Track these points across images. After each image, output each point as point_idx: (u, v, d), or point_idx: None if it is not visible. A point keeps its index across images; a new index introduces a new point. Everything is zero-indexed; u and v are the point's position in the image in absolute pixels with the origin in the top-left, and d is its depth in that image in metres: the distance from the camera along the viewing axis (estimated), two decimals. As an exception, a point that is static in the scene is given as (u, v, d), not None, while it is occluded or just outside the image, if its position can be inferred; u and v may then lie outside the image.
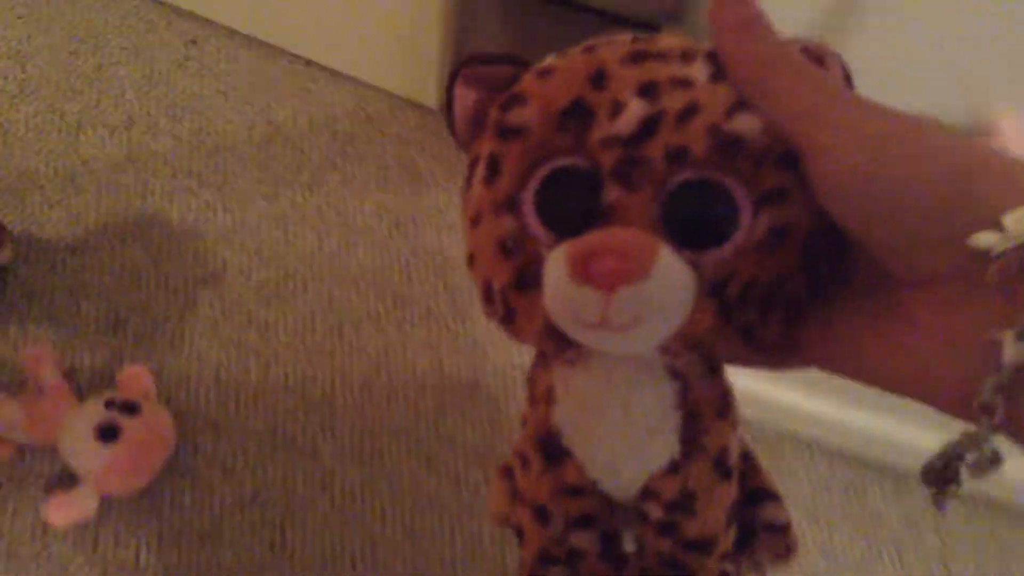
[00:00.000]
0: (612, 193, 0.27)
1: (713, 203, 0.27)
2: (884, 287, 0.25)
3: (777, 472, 0.38)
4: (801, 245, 0.27)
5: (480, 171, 0.29)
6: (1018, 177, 0.22)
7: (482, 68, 0.30)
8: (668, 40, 0.28)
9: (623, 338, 0.27)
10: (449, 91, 0.31)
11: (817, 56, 0.27)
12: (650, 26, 0.80)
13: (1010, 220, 0.21)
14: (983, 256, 0.21)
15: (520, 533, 0.35)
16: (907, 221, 0.22)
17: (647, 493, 0.32)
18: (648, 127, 0.26)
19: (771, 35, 0.26)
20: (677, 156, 0.26)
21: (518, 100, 0.28)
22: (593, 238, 0.26)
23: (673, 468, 0.31)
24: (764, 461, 0.36)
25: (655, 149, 0.26)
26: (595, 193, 0.27)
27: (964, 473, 0.23)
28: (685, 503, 0.31)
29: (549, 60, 0.29)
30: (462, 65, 0.30)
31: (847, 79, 0.28)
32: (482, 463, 0.98)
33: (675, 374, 0.30)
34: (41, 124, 1.33)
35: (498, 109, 0.29)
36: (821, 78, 0.25)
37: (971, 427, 0.22)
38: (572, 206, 0.27)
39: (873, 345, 0.25)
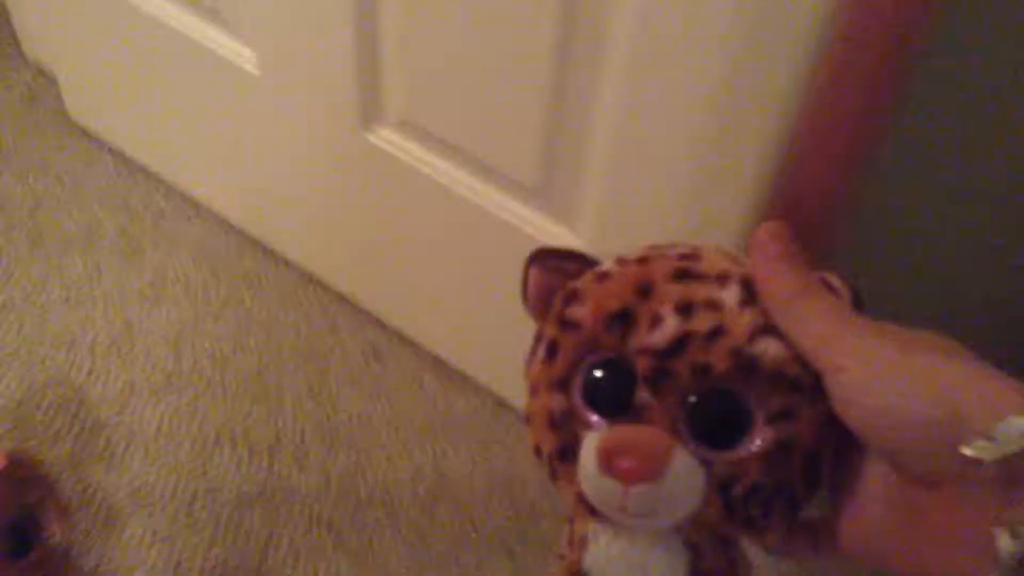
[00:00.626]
0: (643, 395, 0.32)
1: (729, 412, 0.31)
2: (897, 489, 0.29)
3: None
4: (803, 457, 0.31)
5: (541, 351, 0.35)
6: (997, 392, 0.26)
7: (555, 258, 0.36)
8: (710, 260, 0.33)
9: (640, 521, 0.32)
10: (526, 271, 0.36)
11: (830, 285, 0.32)
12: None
13: (998, 432, 0.24)
14: (976, 463, 0.25)
15: None
16: (907, 434, 0.27)
17: None
18: (679, 343, 0.31)
19: (802, 267, 0.31)
20: (701, 371, 0.31)
21: (577, 298, 0.34)
22: (619, 436, 0.31)
23: None
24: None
25: (683, 364, 0.31)
26: (630, 388, 0.32)
27: None
28: None
29: (608, 264, 0.35)
30: (539, 252, 0.36)
31: (856, 300, 0.32)
32: None
33: (689, 544, 0.35)
34: (175, 430, 1.09)
35: (561, 301, 0.35)
36: (838, 307, 0.30)
37: None
38: (610, 395, 0.33)
39: (891, 544, 0.29)
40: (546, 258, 0.37)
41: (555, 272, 0.36)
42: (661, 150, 0.63)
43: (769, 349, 0.31)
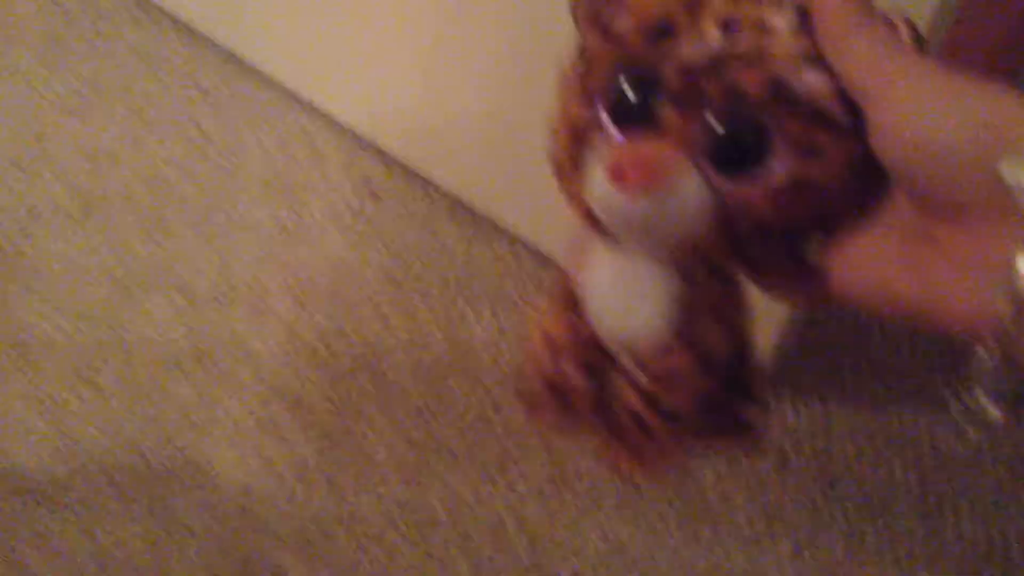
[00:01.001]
0: (667, 111, 0.31)
1: (751, 142, 0.30)
2: (915, 221, 0.28)
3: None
4: (818, 201, 0.30)
5: (579, 64, 0.34)
6: None
7: None
8: None
9: (640, 238, 0.33)
10: None
11: (890, 20, 0.30)
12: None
13: None
14: (1011, 186, 0.24)
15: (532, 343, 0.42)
16: (947, 161, 0.26)
17: (640, 365, 0.38)
18: (715, 62, 0.30)
19: (859, 3, 0.29)
20: (733, 94, 0.30)
21: (619, 6, 0.32)
22: (631, 148, 0.31)
23: (664, 350, 0.36)
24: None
25: (715, 84, 0.30)
26: (656, 103, 0.31)
27: (986, 400, 0.26)
28: (667, 378, 0.37)
29: None
30: None
31: (917, 39, 0.30)
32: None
33: (683, 272, 0.35)
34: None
35: (603, 8, 0.33)
36: (892, 41, 0.29)
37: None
38: (634, 108, 0.32)
39: (899, 272, 0.28)
40: None
41: None
42: None
43: (810, 80, 0.30)
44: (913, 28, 0.30)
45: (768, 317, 0.69)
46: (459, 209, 0.89)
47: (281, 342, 0.83)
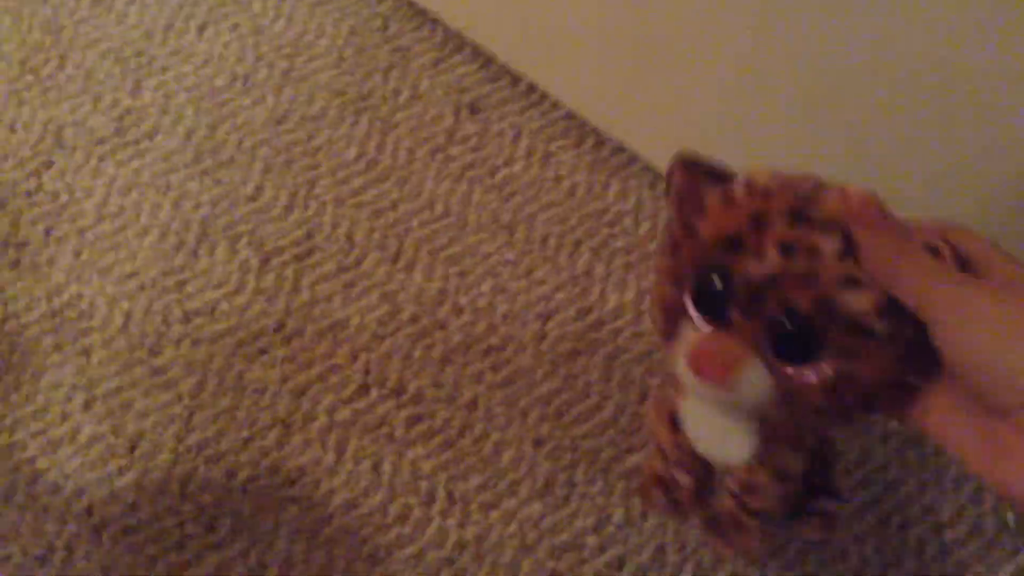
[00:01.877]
0: (735, 314, 0.36)
1: (802, 340, 0.35)
2: (982, 412, 0.32)
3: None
4: (860, 391, 0.35)
5: (667, 245, 0.39)
6: None
7: (699, 169, 0.38)
8: (827, 204, 0.35)
9: (718, 404, 0.39)
10: (670, 171, 0.39)
11: (932, 247, 0.34)
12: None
13: None
14: None
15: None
16: (994, 375, 0.30)
17: (728, 472, 0.46)
18: (773, 279, 0.35)
19: (896, 232, 0.33)
20: (787, 307, 0.35)
21: (702, 212, 0.37)
22: (704, 345, 0.36)
23: (746, 468, 0.44)
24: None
25: (772, 298, 0.35)
26: (728, 303, 0.36)
27: None
28: (750, 488, 0.46)
29: (736, 189, 0.37)
30: (686, 158, 0.39)
31: (957, 258, 0.34)
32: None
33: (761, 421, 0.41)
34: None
35: (690, 210, 0.38)
36: (936, 266, 0.33)
37: None
38: (712, 304, 0.37)
39: (967, 443, 0.33)
40: (690, 168, 0.39)
41: (695, 179, 0.38)
42: None
43: (851, 301, 0.34)
44: (953, 248, 0.34)
45: None
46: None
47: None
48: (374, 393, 0.65)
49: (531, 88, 0.80)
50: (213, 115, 0.77)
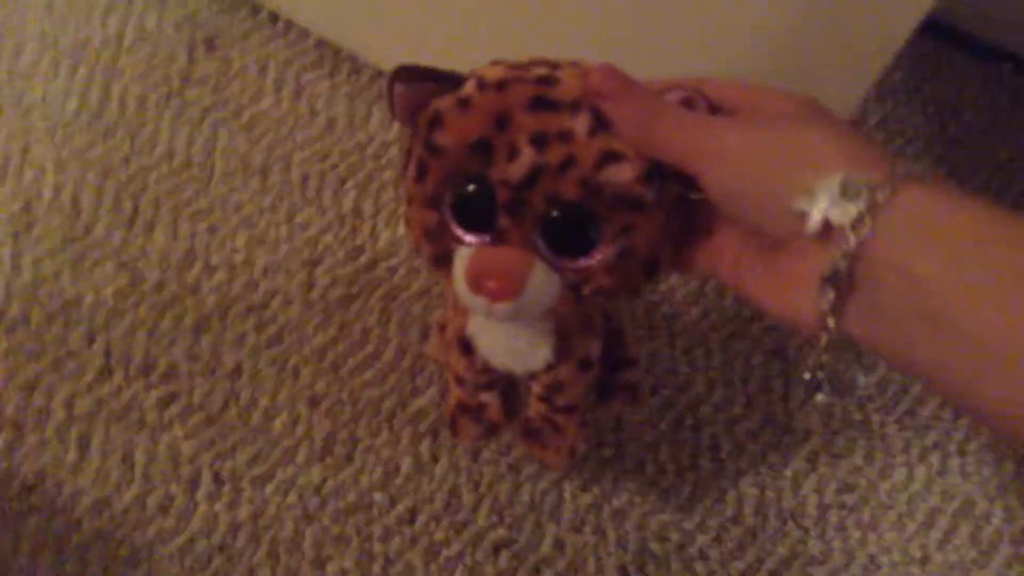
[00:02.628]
0: (503, 220, 0.35)
1: (577, 229, 0.34)
2: (761, 244, 0.33)
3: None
4: (642, 261, 0.35)
5: (412, 169, 0.36)
6: (826, 158, 0.29)
7: (418, 77, 0.36)
8: (566, 84, 0.34)
9: (505, 319, 0.37)
10: (391, 88, 0.36)
11: (686, 99, 0.33)
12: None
13: (818, 187, 0.29)
14: (805, 216, 0.29)
15: (447, 378, 0.50)
16: (760, 206, 0.30)
17: (532, 377, 0.45)
18: (533, 176, 0.33)
19: (644, 96, 0.33)
20: (553, 199, 0.34)
21: (441, 123, 0.35)
22: (482, 259, 0.35)
23: (548, 368, 0.43)
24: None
25: (537, 194, 0.34)
26: (493, 210, 0.35)
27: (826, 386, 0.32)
28: (556, 387, 0.44)
29: (469, 88, 0.35)
30: (402, 69, 0.36)
31: (712, 108, 0.34)
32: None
33: (552, 319, 0.41)
34: None
35: (426, 125, 0.35)
36: (691, 120, 0.32)
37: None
38: (476, 216, 0.35)
39: (757, 285, 0.33)
40: (410, 76, 0.36)
41: (419, 90, 0.36)
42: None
43: (613, 176, 0.33)
44: (706, 97, 0.34)
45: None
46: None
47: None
48: (118, 376, 0.58)
49: (274, 17, 0.73)
50: (-102, 82, 0.66)
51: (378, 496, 0.56)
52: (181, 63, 0.70)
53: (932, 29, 0.81)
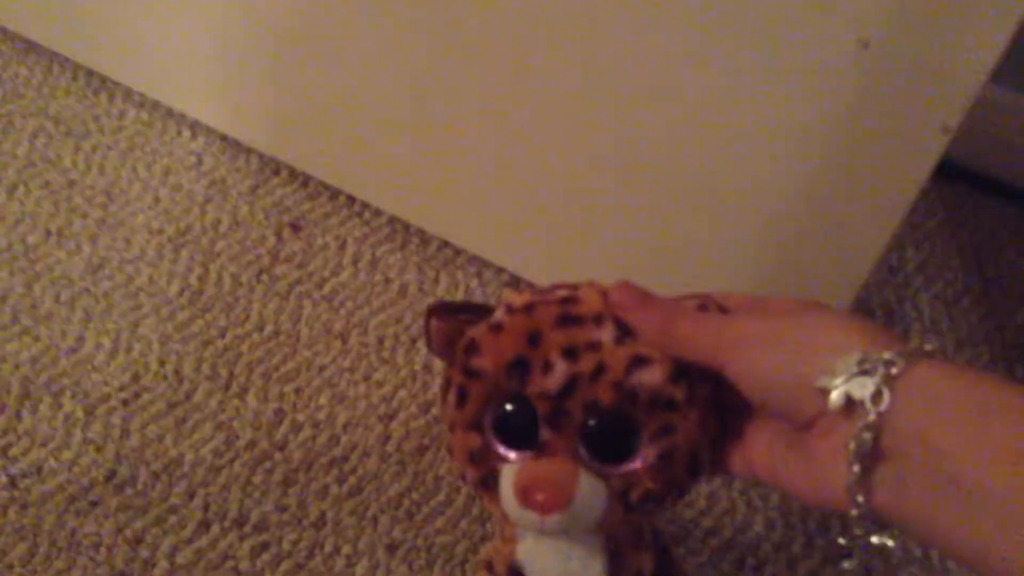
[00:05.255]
0: (545, 433, 0.36)
1: (618, 434, 0.36)
2: (791, 431, 0.34)
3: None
4: (684, 460, 0.36)
5: (452, 396, 0.38)
6: (840, 335, 0.32)
7: (452, 310, 0.40)
8: (588, 301, 0.37)
9: (556, 534, 0.38)
10: (427, 323, 0.40)
11: (700, 305, 0.37)
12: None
13: (838, 366, 0.30)
14: (825, 393, 0.31)
15: None
16: (783, 391, 0.32)
17: None
18: (569, 385, 0.36)
19: (661, 304, 0.36)
20: (591, 406, 0.36)
21: (476, 349, 0.38)
22: (531, 474, 0.36)
23: None
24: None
25: (575, 402, 0.36)
26: (535, 425, 0.36)
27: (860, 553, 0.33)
28: None
29: (499, 314, 0.38)
30: (437, 305, 0.40)
31: (719, 306, 0.37)
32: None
33: (602, 533, 0.40)
34: None
35: (463, 352, 0.38)
36: (709, 317, 0.36)
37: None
38: (519, 433, 0.37)
39: (784, 465, 0.34)
40: (444, 310, 0.39)
41: (453, 322, 0.39)
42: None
43: (644, 378, 0.35)
44: (711, 299, 0.37)
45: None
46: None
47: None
48: (215, 528, 0.63)
49: (351, 200, 0.81)
50: (27, 272, 0.76)
51: (454, 638, 0.59)
52: (270, 244, 0.78)
53: (964, 175, 0.87)
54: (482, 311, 0.39)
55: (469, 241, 0.77)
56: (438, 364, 0.72)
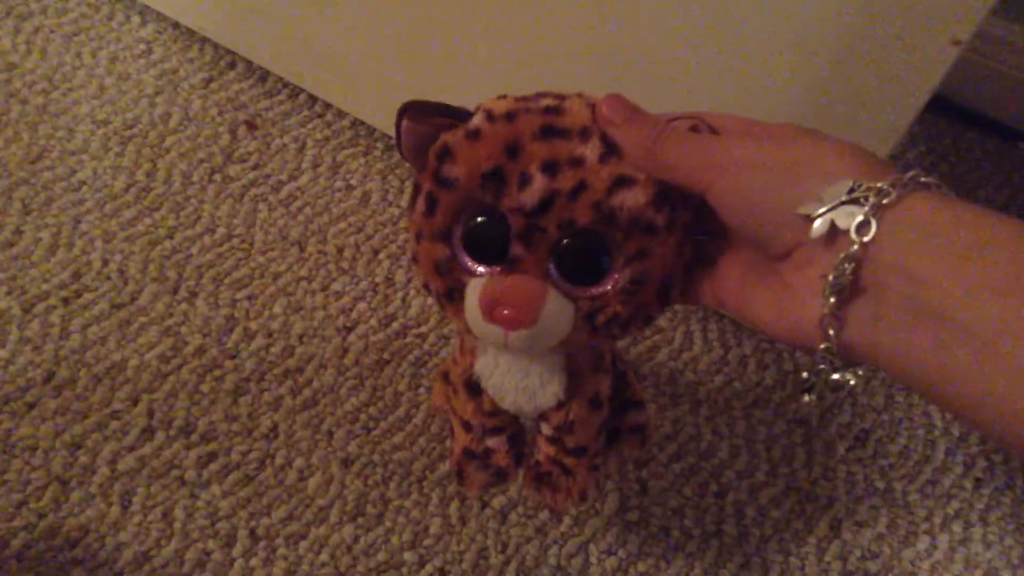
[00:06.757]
0: (516, 248, 0.34)
1: (591, 256, 0.35)
2: (761, 260, 0.33)
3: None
4: (656, 287, 0.35)
5: (421, 204, 0.36)
6: (830, 163, 0.30)
7: (426, 111, 0.36)
8: (574, 113, 0.34)
9: (518, 350, 0.38)
10: (399, 123, 0.36)
11: (692, 127, 0.34)
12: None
13: (825, 193, 0.29)
14: (808, 220, 0.29)
15: (452, 427, 0.47)
16: (766, 217, 0.31)
17: (541, 417, 0.44)
18: (546, 202, 0.33)
19: (652, 121, 0.34)
20: (567, 225, 0.34)
21: (450, 156, 0.35)
22: (497, 288, 0.34)
23: (559, 407, 0.42)
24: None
25: (550, 220, 0.34)
26: (506, 240, 0.34)
27: (821, 388, 0.32)
28: (567, 427, 0.43)
29: (478, 120, 0.35)
30: (410, 104, 0.36)
31: (712, 129, 0.34)
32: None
33: (564, 351, 0.39)
34: None
35: (435, 158, 0.35)
36: (698, 138, 0.33)
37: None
38: (488, 247, 0.35)
39: (756, 297, 0.33)
40: (417, 111, 0.36)
41: (427, 126, 0.36)
42: None
43: (626, 200, 0.33)
44: (703, 120, 0.34)
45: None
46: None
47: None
48: (160, 436, 0.60)
49: (312, 99, 0.77)
50: (-41, 160, 0.70)
51: (408, 556, 0.58)
52: (224, 142, 0.74)
53: (947, 109, 0.85)
54: (459, 115, 0.36)
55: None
56: (400, 276, 0.69)
